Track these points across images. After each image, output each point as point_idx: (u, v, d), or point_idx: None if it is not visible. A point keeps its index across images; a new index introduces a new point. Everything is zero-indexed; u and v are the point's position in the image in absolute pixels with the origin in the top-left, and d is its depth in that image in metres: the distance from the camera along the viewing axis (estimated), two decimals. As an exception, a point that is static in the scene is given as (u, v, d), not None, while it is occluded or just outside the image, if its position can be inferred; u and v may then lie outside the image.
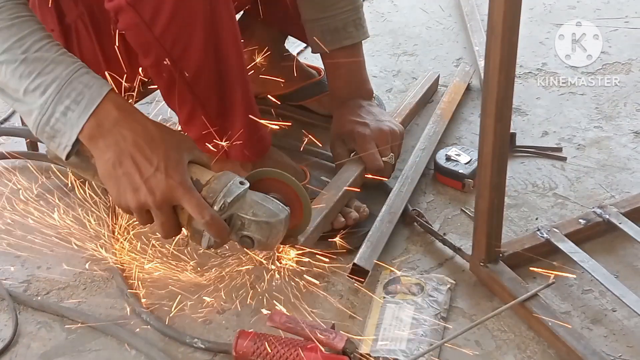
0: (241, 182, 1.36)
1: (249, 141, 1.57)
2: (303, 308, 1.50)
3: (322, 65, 1.91)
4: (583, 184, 1.80)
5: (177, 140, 1.37)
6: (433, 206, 1.75)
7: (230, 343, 1.41)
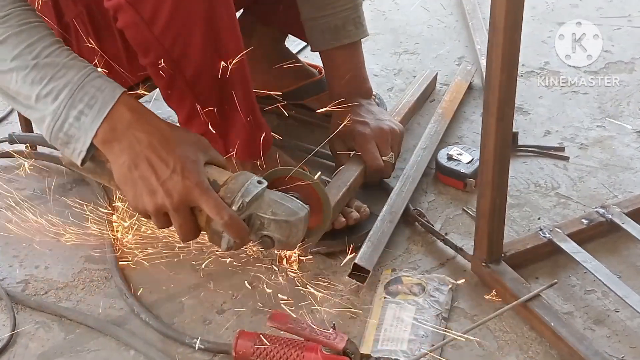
0: (259, 182, 1.35)
1: (250, 140, 1.57)
2: (303, 308, 1.50)
3: (321, 63, 1.90)
4: (586, 183, 1.79)
5: (192, 141, 1.35)
6: (434, 206, 1.74)
7: (230, 343, 1.40)
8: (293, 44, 2.12)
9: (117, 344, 1.45)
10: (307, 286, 1.54)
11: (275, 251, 1.54)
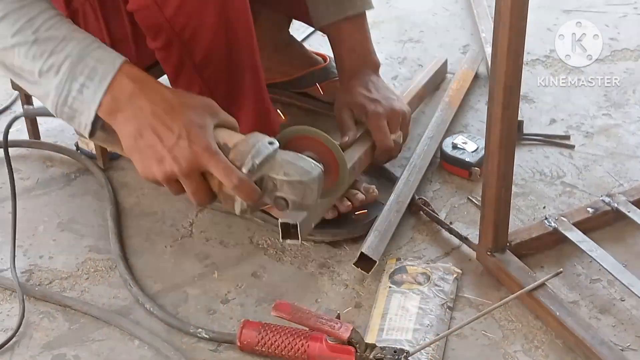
0: (270, 142, 1.30)
1: (257, 126, 1.56)
2: (308, 297, 1.49)
3: (327, 52, 1.89)
4: (591, 172, 1.78)
5: (199, 105, 1.32)
6: (439, 195, 1.73)
7: (235, 333, 1.40)
8: (298, 31, 2.11)
9: (121, 333, 1.45)
10: (312, 275, 1.54)
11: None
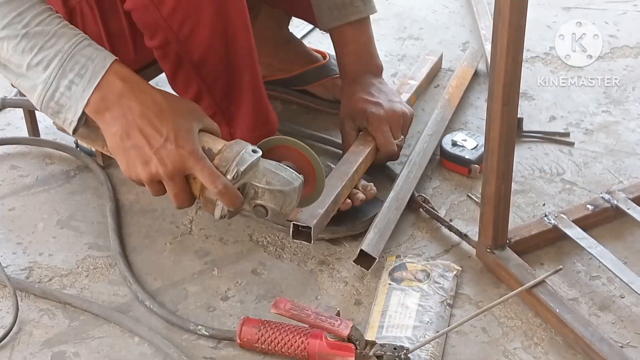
0: (254, 150, 1.34)
1: (255, 124, 1.56)
2: (307, 295, 1.49)
3: (326, 49, 1.89)
4: (591, 169, 1.78)
5: (186, 109, 1.34)
6: (439, 192, 1.73)
7: (235, 330, 1.40)
8: (297, 28, 2.11)
9: (121, 330, 1.45)
10: (312, 272, 1.54)
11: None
